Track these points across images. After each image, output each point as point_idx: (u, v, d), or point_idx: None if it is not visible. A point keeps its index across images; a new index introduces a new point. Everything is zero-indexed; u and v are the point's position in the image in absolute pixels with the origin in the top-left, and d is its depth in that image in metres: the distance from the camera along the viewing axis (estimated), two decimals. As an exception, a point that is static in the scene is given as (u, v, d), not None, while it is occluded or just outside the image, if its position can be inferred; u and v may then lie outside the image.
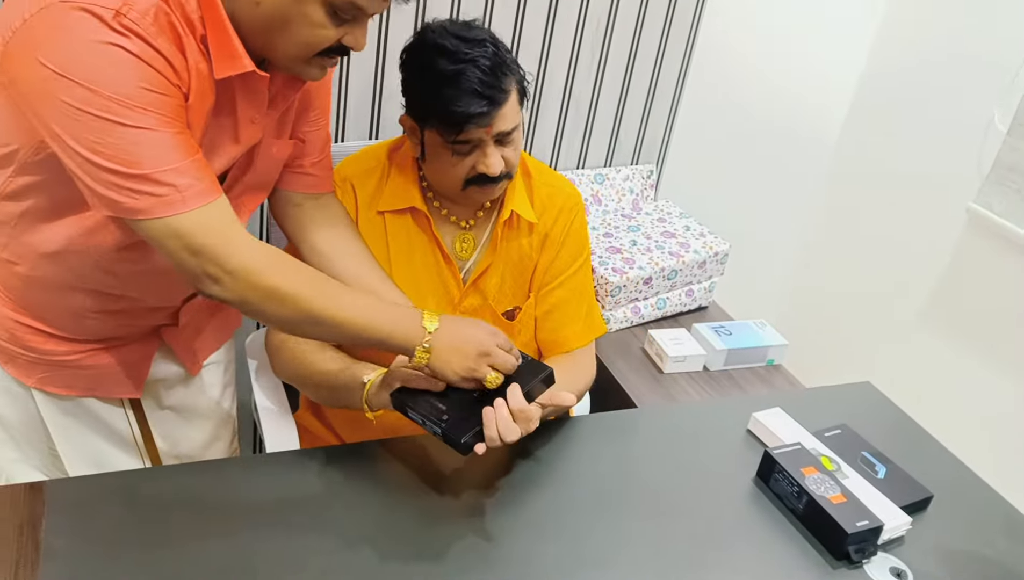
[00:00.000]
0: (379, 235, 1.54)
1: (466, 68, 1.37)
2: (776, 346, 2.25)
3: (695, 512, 1.40)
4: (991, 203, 2.40)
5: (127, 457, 1.52)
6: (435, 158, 1.47)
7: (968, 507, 1.52)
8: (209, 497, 1.28)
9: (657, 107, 2.56)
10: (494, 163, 1.44)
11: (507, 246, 1.59)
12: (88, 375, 1.44)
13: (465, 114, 1.37)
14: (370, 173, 1.56)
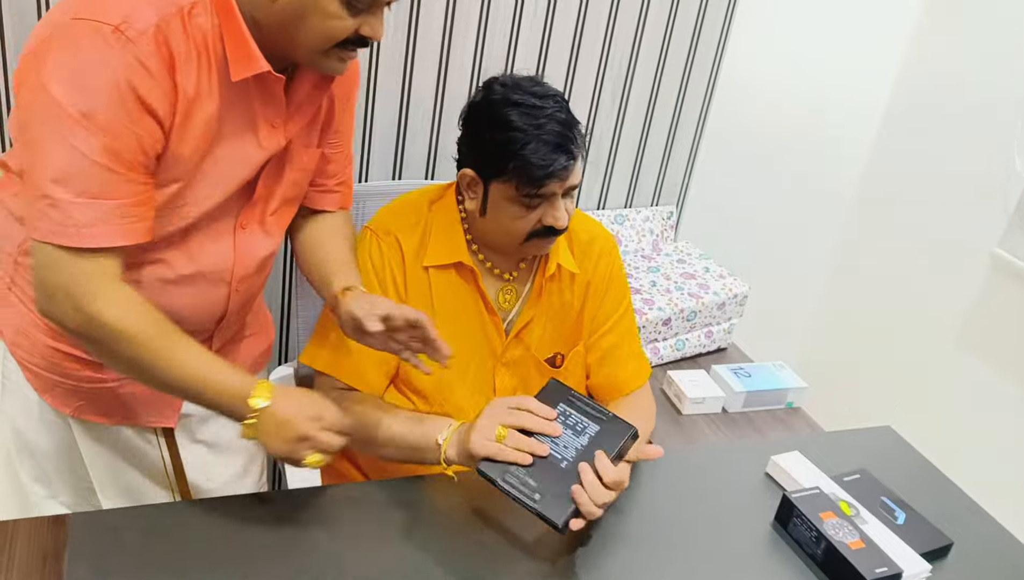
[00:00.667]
0: (424, 290, 1.53)
1: (546, 122, 1.38)
2: (795, 389, 2.24)
3: (713, 556, 1.40)
4: (1015, 248, 2.40)
5: (158, 489, 1.54)
6: (499, 212, 1.46)
7: (989, 556, 1.51)
8: (231, 533, 1.29)
9: (677, 149, 2.58)
10: (563, 216, 1.45)
11: (549, 297, 1.60)
12: (126, 403, 1.46)
13: (549, 168, 1.38)
14: (413, 228, 1.54)
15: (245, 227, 1.37)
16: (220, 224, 1.34)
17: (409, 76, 2.12)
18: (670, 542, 1.41)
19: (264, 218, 1.40)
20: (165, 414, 1.50)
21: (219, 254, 1.36)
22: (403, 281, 1.52)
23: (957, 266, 2.58)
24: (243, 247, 1.38)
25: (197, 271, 1.34)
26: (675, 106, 2.51)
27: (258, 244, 1.41)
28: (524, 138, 1.37)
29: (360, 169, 2.20)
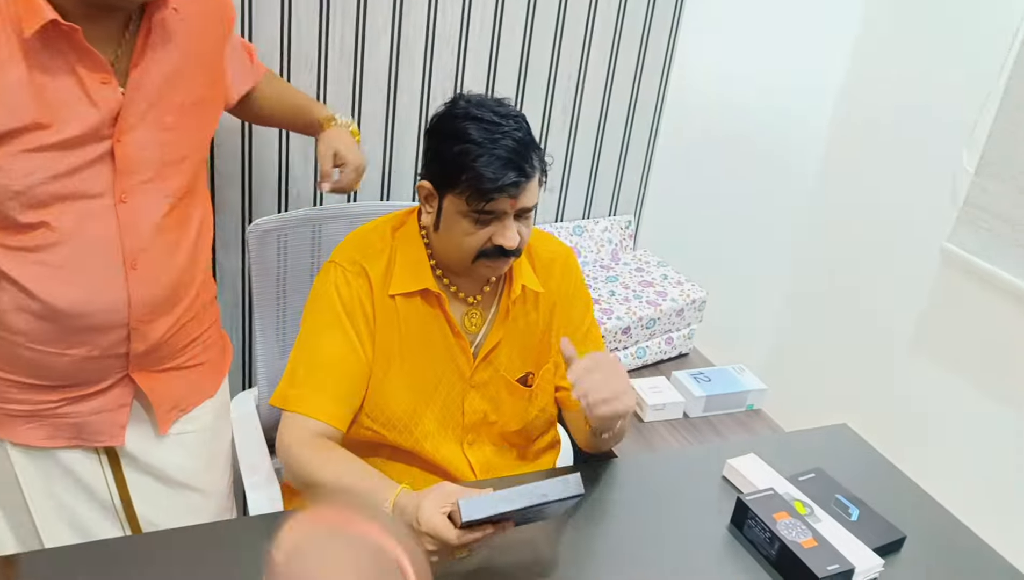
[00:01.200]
0: (392, 318, 1.53)
1: (501, 138, 1.40)
2: (755, 390, 2.27)
3: (670, 561, 1.42)
4: (964, 242, 2.43)
5: (105, 522, 1.54)
6: (451, 227, 1.46)
7: (943, 548, 1.54)
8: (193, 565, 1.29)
9: (632, 158, 2.60)
10: (512, 236, 1.45)
11: (515, 319, 1.61)
12: (69, 424, 1.47)
13: (499, 182, 1.38)
14: (379, 256, 1.54)
15: (126, 200, 1.36)
16: (95, 201, 1.33)
17: (359, 99, 2.14)
18: (627, 550, 1.42)
19: (145, 186, 1.38)
20: (111, 432, 1.50)
21: (103, 229, 1.35)
22: (371, 310, 1.52)
23: (910, 262, 2.62)
24: (128, 217, 1.37)
25: (81, 251, 1.34)
26: (627, 115, 2.53)
27: (148, 211, 1.39)
28: (478, 151, 1.39)
29: (316, 192, 2.21)
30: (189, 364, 1.59)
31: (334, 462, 1.39)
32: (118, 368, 1.47)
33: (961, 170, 2.44)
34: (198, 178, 1.51)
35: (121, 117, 1.32)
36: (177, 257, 1.48)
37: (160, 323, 1.47)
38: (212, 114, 1.52)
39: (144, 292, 1.42)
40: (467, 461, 1.62)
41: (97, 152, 1.31)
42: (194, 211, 1.51)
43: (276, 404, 1.50)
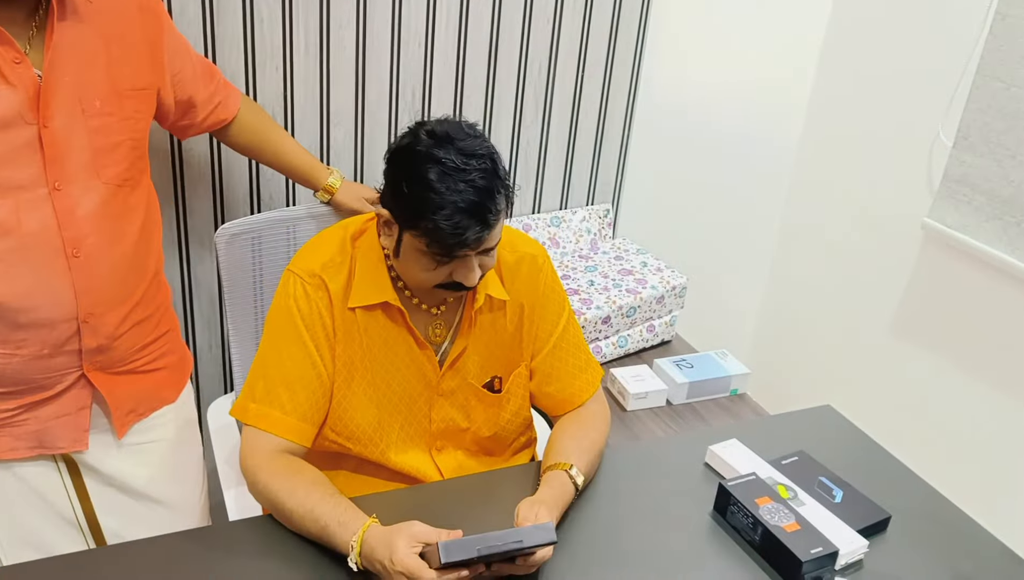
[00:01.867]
0: (353, 330, 1.49)
1: (464, 186, 1.32)
2: (739, 375, 2.25)
3: (653, 550, 1.40)
4: (944, 217, 2.42)
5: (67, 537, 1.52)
6: (410, 260, 1.42)
7: (928, 524, 1.52)
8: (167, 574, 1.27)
9: (607, 146, 2.58)
10: (474, 276, 1.41)
11: (482, 326, 1.57)
12: (30, 432, 1.45)
13: (461, 237, 1.33)
14: (339, 267, 1.49)
15: (60, 188, 1.36)
16: (28, 191, 1.33)
17: (326, 95, 2.11)
18: (612, 539, 1.41)
19: (79, 173, 1.38)
20: (74, 436, 1.48)
21: (40, 220, 1.34)
22: (331, 323, 1.48)
23: (891, 240, 2.61)
24: (64, 206, 1.36)
25: (20, 243, 1.33)
26: (600, 102, 2.51)
27: (84, 199, 1.39)
28: (439, 201, 1.32)
29: (288, 193, 2.19)
30: (146, 368, 1.57)
31: (301, 489, 1.35)
32: (72, 367, 1.45)
33: (939, 144, 2.43)
34: (138, 170, 1.50)
35: (43, 100, 1.32)
36: (121, 246, 1.46)
37: (111, 316, 1.46)
38: (146, 103, 1.50)
39: (89, 282, 1.41)
40: (435, 466, 1.60)
41: (23, 137, 1.31)
42: (136, 203, 1.49)
43: (236, 416, 1.47)
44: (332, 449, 1.54)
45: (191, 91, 1.63)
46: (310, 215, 1.93)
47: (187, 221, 2.09)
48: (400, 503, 1.47)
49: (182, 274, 2.14)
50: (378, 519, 1.29)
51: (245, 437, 1.44)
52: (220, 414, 2.04)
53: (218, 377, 2.31)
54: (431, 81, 2.22)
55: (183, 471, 1.69)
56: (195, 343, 2.23)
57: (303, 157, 1.87)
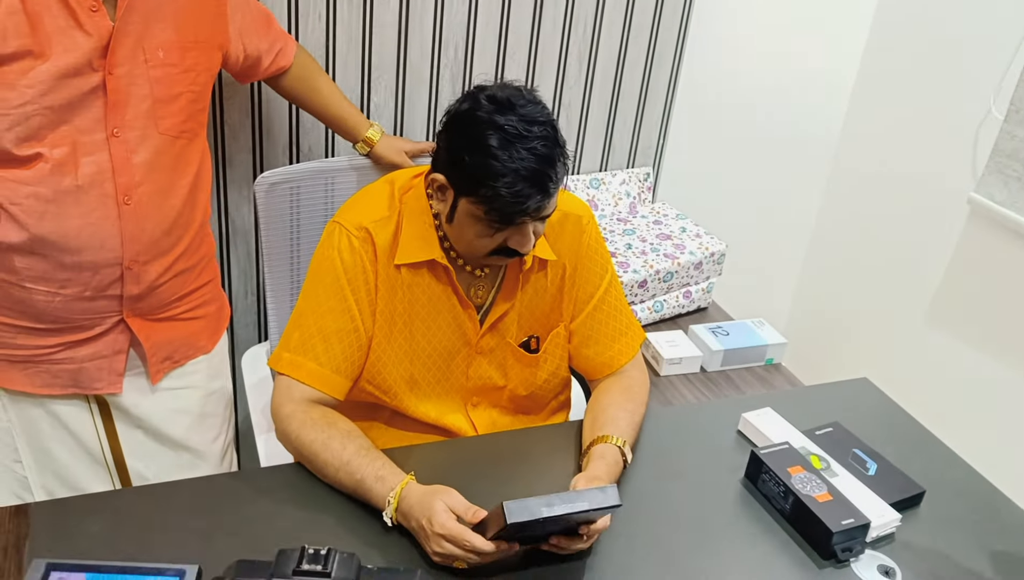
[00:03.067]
0: (397, 285, 1.49)
1: (527, 156, 1.30)
2: (775, 345, 2.23)
3: (683, 515, 1.39)
4: (992, 193, 2.37)
5: (95, 476, 1.54)
6: (464, 227, 1.40)
7: (964, 503, 1.50)
8: (193, 515, 1.29)
9: (650, 109, 2.55)
10: (529, 242, 1.40)
11: (524, 287, 1.56)
12: (66, 370, 1.48)
13: (522, 206, 1.32)
14: (385, 222, 1.47)
15: (119, 135, 1.38)
16: (88, 135, 1.35)
17: (368, 50, 2.10)
18: (642, 503, 1.40)
19: (137, 121, 1.40)
20: (109, 379, 1.50)
21: (95, 164, 1.37)
22: (374, 278, 1.47)
23: (935, 214, 2.56)
24: (120, 152, 1.38)
25: (74, 185, 1.35)
26: (645, 64, 2.47)
27: (141, 148, 1.41)
28: (500, 169, 1.30)
29: (328, 144, 2.18)
30: (185, 317, 1.58)
31: (336, 441, 1.35)
32: (112, 311, 1.47)
33: (990, 118, 2.37)
34: (195, 122, 1.51)
35: (112, 48, 1.33)
36: (172, 198, 1.48)
37: (154, 265, 1.47)
38: (208, 57, 1.51)
39: (137, 229, 1.42)
40: (470, 422, 1.60)
41: (90, 84, 1.33)
42: (191, 156, 1.51)
43: (271, 365, 1.47)
44: (367, 400, 1.55)
45: (256, 42, 1.65)
46: (351, 167, 1.92)
47: (227, 170, 2.10)
48: (434, 457, 1.47)
49: (220, 223, 2.15)
50: (415, 476, 1.30)
51: (278, 386, 1.45)
52: (254, 362, 2.06)
53: (253, 326, 2.32)
54: (474, 37, 2.20)
55: (211, 420, 1.71)
56: (231, 291, 2.25)
57: (347, 108, 1.86)
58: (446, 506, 1.21)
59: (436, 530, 1.19)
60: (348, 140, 1.91)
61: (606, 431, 1.45)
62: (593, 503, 1.17)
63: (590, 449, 1.43)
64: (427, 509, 1.21)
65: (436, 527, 1.19)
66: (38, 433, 1.51)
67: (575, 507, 1.15)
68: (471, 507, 1.22)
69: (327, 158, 2.16)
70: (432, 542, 1.20)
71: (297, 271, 1.94)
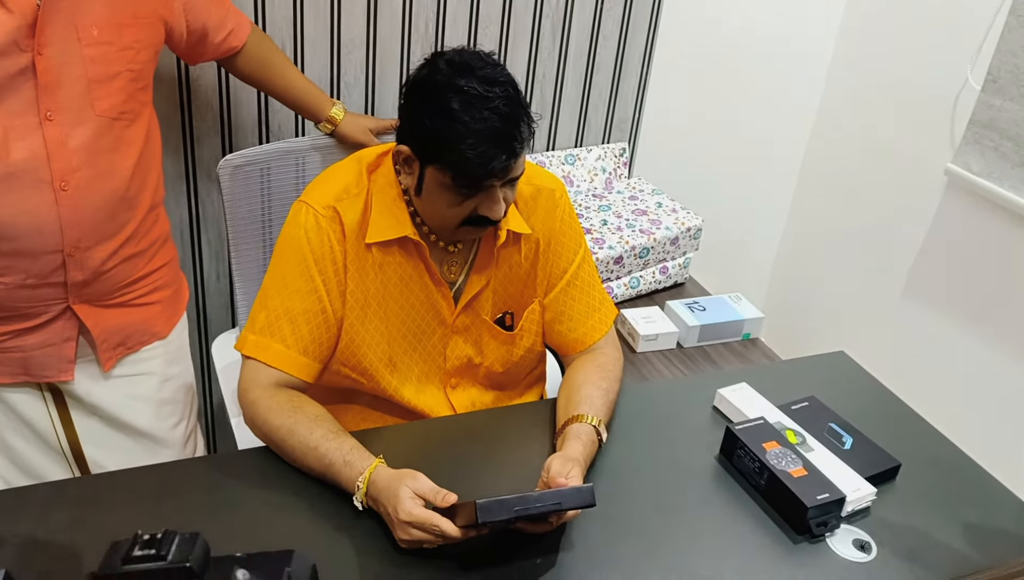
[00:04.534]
0: (367, 265, 1.46)
1: (489, 116, 1.29)
2: (752, 319, 2.22)
3: (658, 492, 1.38)
4: (969, 163, 2.36)
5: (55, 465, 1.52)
6: (433, 197, 1.38)
7: (940, 475, 1.49)
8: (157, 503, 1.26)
9: (625, 83, 2.52)
10: (500, 208, 1.37)
11: (498, 262, 1.54)
12: (15, 359, 1.45)
13: (487, 166, 1.29)
14: (353, 201, 1.44)
15: (52, 118, 1.33)
16: (19, 118, 1.30)
17: (337, 26, 2.06)
18: (616, 479, 1.39)
19: (72, 103, 1.35)
20: (59, 366, 1.47)
21: (28, 149, 1.32)
22: (343, 258, 1.44)
23: (912, 185, 2.55)
24: (55, 136, 1.34)
25: (6, 171, 1.31)
26: (619, 37, 2.44)
27: (76, 131, 1.36)
28: (463, 131, 1.28)
29: (297, 123, 2.15)
30: (137, 302, 1.55)
31: (303, 426, 1.32)
32: (58, 298, 1.44)
33: (968, 88, 2.36)
34: (136, 102, 1.46)
35: (39, 27, 1.28)
36: (113, 182, 1.43)
37: (98, 251, 1.43)
38: (149, 33, 1.46)
39: (76, 216, 1.38)
40: (449, 404, 1.58)
41: (17, 65, 1.27)
42: (133, 137, 1.46)
43: (237, 348, 1.44)
44: (344, 384, 1.52)
45: (203, 18, 1.59)
46: (316, 146, 1.89)
47: (195, 151, 2.06)
48: (409, 438, 1.46)
49: (189, 205, 2.12)
50: (384, 459, 1.28)
51: (244, 370, 1.42)
52: (223, 350, 2.03)
53: (225, 309, 2.30)
54: (445, 11, 2.16)
55: (170, 406, 1.68)
56: (202, 275, 2.22)
57: (308, 88, 1.82)
58: (412, 492, 1.19)
59: (402, 518, 1.17)
60: (311, 120, 1.88)
61: (581, 410, 1.43)
62: (567, 503, 1.16)
63: (565, 428, 1.41)
64: (392, 496, 1.20)
65: (402, 515, 1.17)
66: None
67: (548, 506, 1.14)
68: (439, 491, 1.20)
69: (296, 137, 2.13)
70: (399, 529, 1.19)
71: (269, 254, 1.91)
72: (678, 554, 1.27)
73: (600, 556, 1.25)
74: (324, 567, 1.16)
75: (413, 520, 1.17)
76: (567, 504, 1.16)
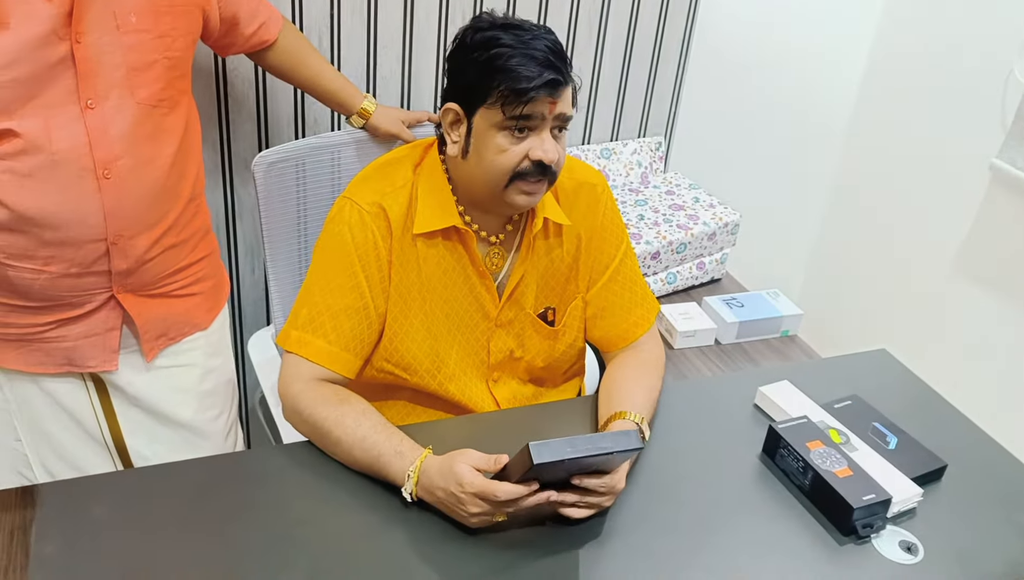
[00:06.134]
0: (411, 259, 1.46)
1: (534, 40, 1.33)
2: (791, 316, 2.19)
3: (700, 490, 1.37)
4: (1015, 158, 2.31)
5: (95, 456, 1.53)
6: (483, 147, 1.36)
7: (987, 476, 1.47)
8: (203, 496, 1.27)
9: (662, 76, 2.50)
10: (552, 148, 1.36)
11: (538, 253, 1.53)
12: (60, 349, 1.45)
13: (537, 80, 1.30)
14: (399, 193, 1.45)
15: (93, 107, 1.33)
16: (60, 108, 1.30)
17: (374, 18, 2.05)
18: (658, 477, 1.37)
19: (112, 92, 1.35)
20: (103, 357, 1.48)
21: (70, 138, 1.32)
22: (387, 253, 1.44)
23: (956, 180, 2.50)
24: (96, 125, 1.34)
25: (49, 160, 1.31)
26: (656, 31, 2.42)
27: (117, 119, 1.36)
28: (511, 52, 1.31)
29: (334, 116, 2.14)
30: (179, 293, 1.55)
31: (351, 418, 1.32)
32: (102, 288, 1.44)
33: (1013, 81, 2.31)
34: (175, 90, 1.45)
35: (77, 15, 1.27)
36: (154, 170, 1.43)
37: (141, 239, 1.44)
38: (186, 21, 1.45)
39: (118, 204, 1.39)
40: (492, 398, 1.58)
41: (57, 54, 1.27)
42: (173, 125, 1.46)
43: (279, 343, 1.45)
44: (387, 380, 1.52)
45: (235, 8, 1.59)
46: (351, 141, 1.88)
47: (231, 144, 2.06)
48: (452, 433, 1.45)
49: (225, 199, 2.12)
50: (432, 450, 1.28)
51: (285, 364, 1.42)
52: (260, 346, 2.02)
53: (260, 303, 2.30)
54: (482, 5, 2.15)
55: (212, 398, 1.68)
56: (238, 268, 2.22)
57: (339, 81, 1.82)
58: (469, 466, 1.20)
59: (468, 490, 1.18)
60: (343, 113, 1.87)
61: (623, 407, 1.42)
62: (616, 445, 1.16)
63: (607, 425, 1.40)
64: (452, 474, 1.20)
65: (467, 487, 1.18)
66: (35, 412, 1.50)
67: (598, 448, 1.15)
68: (490, 457, 1.21)
69: (331, 132, 2.12)
70: (468, 504, 1.19)
71: (304, 249, 1.90)
72: (720, 554, 1.25)
73: (640, 554, 1.24)
74: (371, 561, 1.16)
75: (479, 491, 1.17)
76: (615, 446, 1.17)
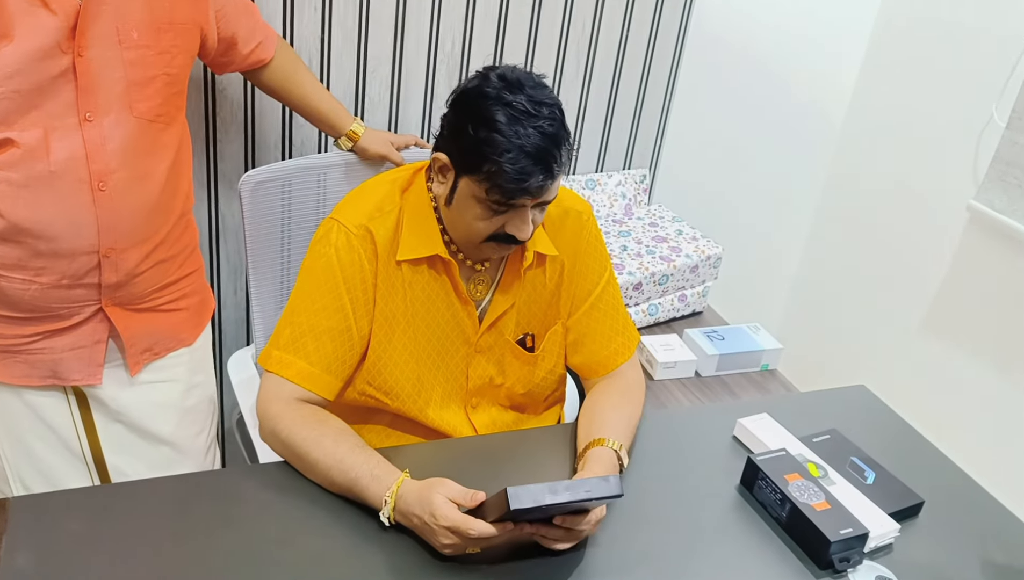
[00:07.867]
0: (396, 283, 1.45)
1: (531, 134, 1.29)
2: (771, 350, 2.20)
3: (677, 521, 1.36)
4: (992, 200, 2.35)
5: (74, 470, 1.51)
6: (463, 208, 1.37)
7: (963, 513, 1.47)
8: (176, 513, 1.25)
9: (648, 109, 2.52)
10: (527, 229, 1.37)
11: (523, 283, 1.53)
12: (45, 361, 1.45)
13: (524, 183, 1.29)
14: (385, 219, 1.44)
15: (92, 119, 1.34)
16: (60, 120, 1.31)
17: (364, 41, 2.07)
18: (635, 507, 1.37)
19: (111, 105, 1.36)
20: (88, 370, 1.47)
21: (68, 150, 1.33)
22: (373, 277, 1.44)
23: (934, 221, 2.53)
24: (94, 137, 1.35)
25: (47, 171, 1.32)
26: (643, 65, 2.45)
27: (115, 132, 1.37)
28: (505, 144, 1.28)
29: (321, 138, 2.15)
30: (166, 308, 1.55)
31: (328, 439, 1.31)
32: (91, 300, 1.44)
33: (992, 124, 2.35)
34: (172, 106, 1.47)
35: (80, 29, 1.29)
36: (149, 184, 1.44)
37: (133, 253, 1.44)
38: (186, 38, 1.47)
39: (112, 217, 1.39)
40: (470, 424, 1.57)
41: (59, 67, 1.29)
42: (168, 141, 1.47)
43: (260, 363, 1.44)
44: (368, 403, 1.51)
45: (234, 27, 1.61)
46: (338, 163, 1.88)
47: (217, 163, 2.06)
48: (430, 457, 1.44)
49: (210, 217, 2.12)
50: (409, 473, 1.27)
51: (265, 384, 1.41)
52: (239, 366, 2.01)
53: (241, 322, 2.29)
54: (472, 32, 2.17)
55: (193, 414, 1.67)
56: (220, 287, 2.21)
57: (330, 103, 1.83)
58: (445, 498, 1.19)
59: (441, 523, 1.17)
60: (332, 135, 1.88)
61: (603, 434, 1.41)
62: (595, 492, 1.15)
63: (586, 452, 1.40)
64: (427, 504, 1.19)
65: (440, 520, 1.17)
66: (16, 426, 1.48)
67: (577, 495, 1.14)
68: (468, 492, 1.20)
69: (318, 154, 2.13)
70: (440, 535, 1.18)
71: (288, 270, 1.90)
72: (698, 585, 1.25)
73: (619, 584, 1.23)
74: (341, 585, 1.15)
75: (452, 525, 1.16)
76: (595, 493, 1.15)
